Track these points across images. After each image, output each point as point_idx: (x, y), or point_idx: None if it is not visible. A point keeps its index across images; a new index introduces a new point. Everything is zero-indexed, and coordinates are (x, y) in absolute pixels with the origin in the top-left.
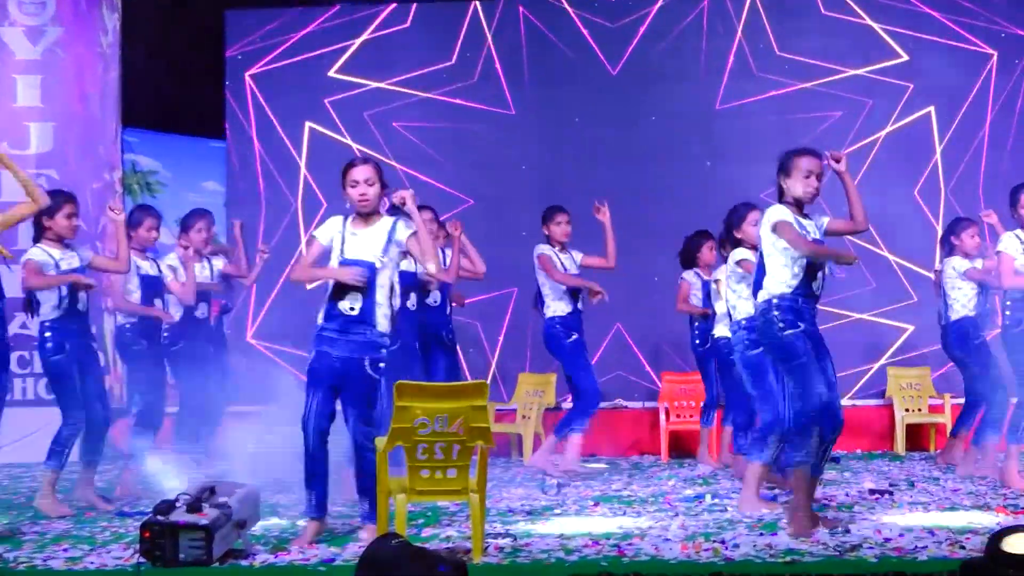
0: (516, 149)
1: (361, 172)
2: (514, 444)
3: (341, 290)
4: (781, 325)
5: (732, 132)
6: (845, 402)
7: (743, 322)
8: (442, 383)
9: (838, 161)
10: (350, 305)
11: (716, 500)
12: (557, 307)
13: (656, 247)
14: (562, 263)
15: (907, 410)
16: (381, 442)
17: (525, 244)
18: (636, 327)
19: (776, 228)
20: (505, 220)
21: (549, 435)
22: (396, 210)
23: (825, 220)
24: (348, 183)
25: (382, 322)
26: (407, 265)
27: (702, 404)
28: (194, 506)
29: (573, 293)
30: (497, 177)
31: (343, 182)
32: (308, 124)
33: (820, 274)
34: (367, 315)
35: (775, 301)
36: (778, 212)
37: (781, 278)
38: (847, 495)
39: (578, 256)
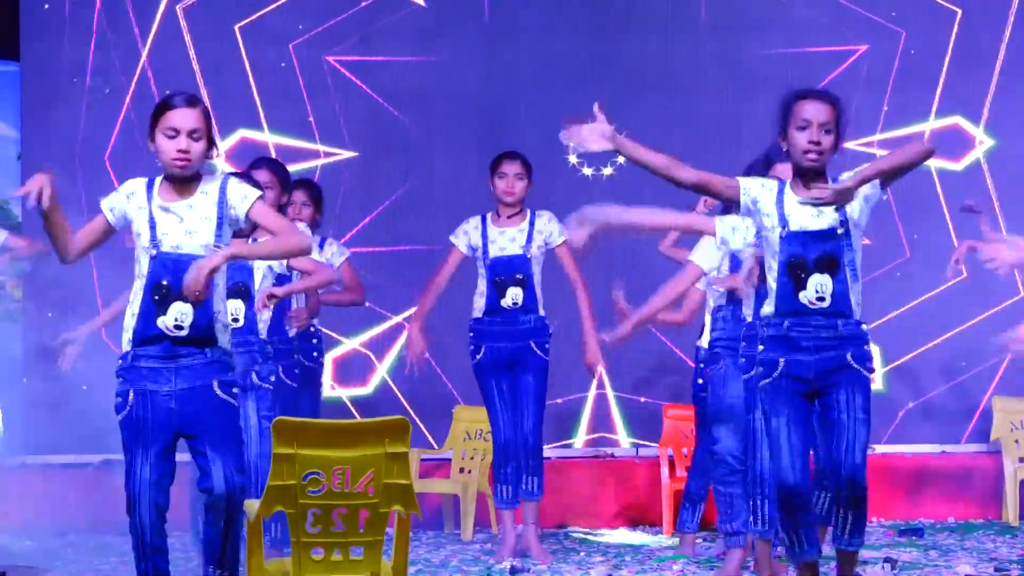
0: (450, 70)
1: (184, 118)
2: (448, 510)
3: (160, 298)
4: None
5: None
6: (930, 447)
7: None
8: (341, 420)
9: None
10: (175, 321)
11: None
12: (476, 304)
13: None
14: (483, 239)
15: (1022, 460)
16: (252, 507)
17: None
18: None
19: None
20: (441, 173)
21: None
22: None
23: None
24: (163, 130)
25: (223, 337)
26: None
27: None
28: None
29: (497, 283)
30: (421, 110)
31: (153, 126)
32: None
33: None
34: (201, 331)
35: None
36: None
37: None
38: None
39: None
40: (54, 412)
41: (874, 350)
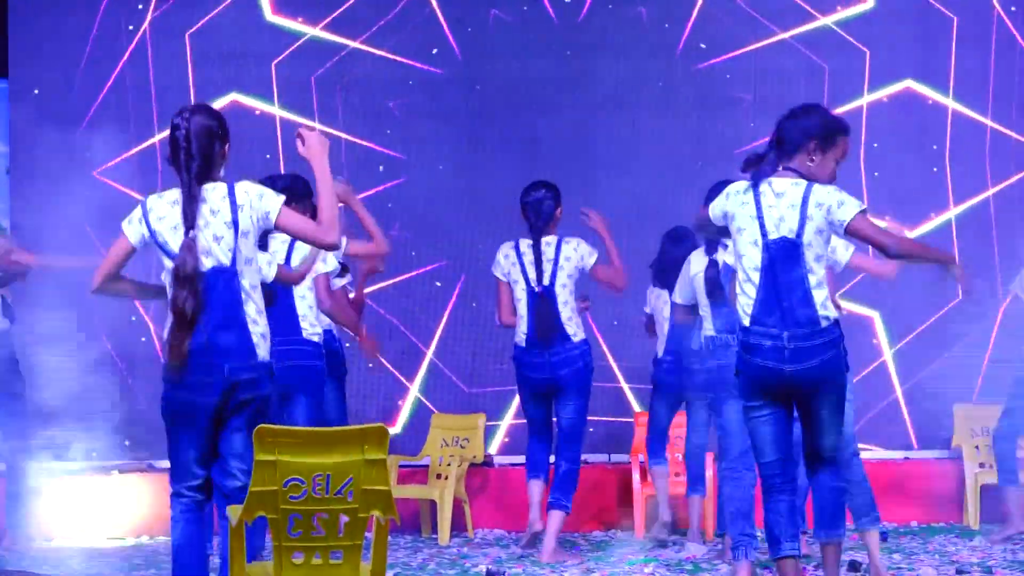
0: (431, 88)
1: None
2: (426, 516)
3: None
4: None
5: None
6: (893, 454)
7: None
8: (323, 427)
9: None
10: None
11: None
12: (582, 327)
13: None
14: None
15: (982, 466)
16: (235, 512)
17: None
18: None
19: (853, 225)
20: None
21: (553, 514)
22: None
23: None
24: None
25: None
26: None
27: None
28: None
29: None
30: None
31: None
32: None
33: None
34: None
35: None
36: (851, 200)
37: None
38: None
39: None
40: (46, 421)
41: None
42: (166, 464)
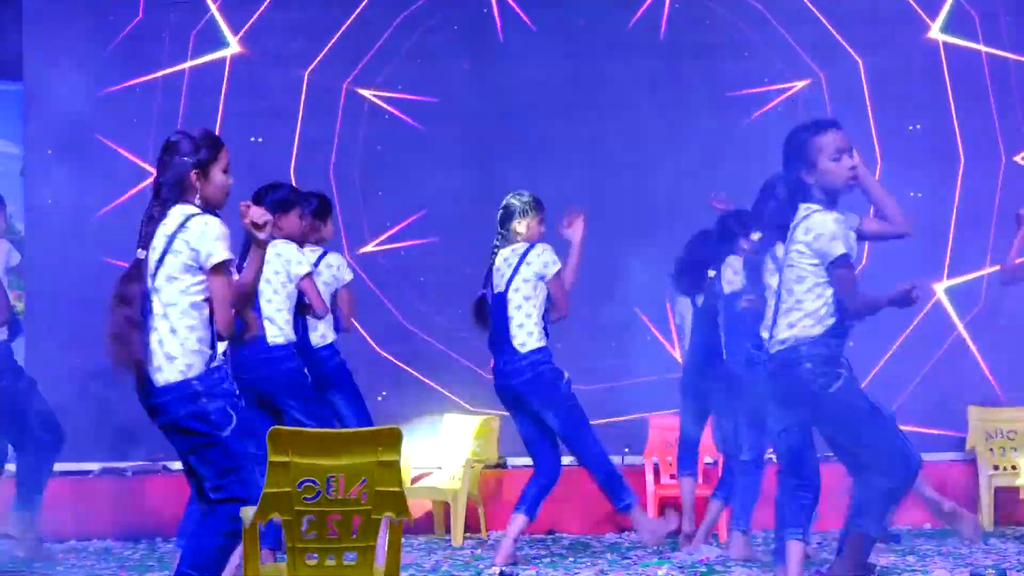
0: (444, 96)
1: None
2: (439, 517)
3: None
4: (823, 381)
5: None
6: None
7: None
8: (337, 429)
9: None
10: None
11: None
12: (541, 336)
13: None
14: None
15: (997, 468)
16: (249, 513)
17: None
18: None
19: (836, 259)
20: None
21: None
22: None
23: (856, 220)
24: (223, 166)
25: None
26: None
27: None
28: None
29: None
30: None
31: (210, 161)
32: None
33: None
34: None
35: (803, 349)
36: (835, 225)
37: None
38: None
39: None
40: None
41: None
42: (179, 465)
